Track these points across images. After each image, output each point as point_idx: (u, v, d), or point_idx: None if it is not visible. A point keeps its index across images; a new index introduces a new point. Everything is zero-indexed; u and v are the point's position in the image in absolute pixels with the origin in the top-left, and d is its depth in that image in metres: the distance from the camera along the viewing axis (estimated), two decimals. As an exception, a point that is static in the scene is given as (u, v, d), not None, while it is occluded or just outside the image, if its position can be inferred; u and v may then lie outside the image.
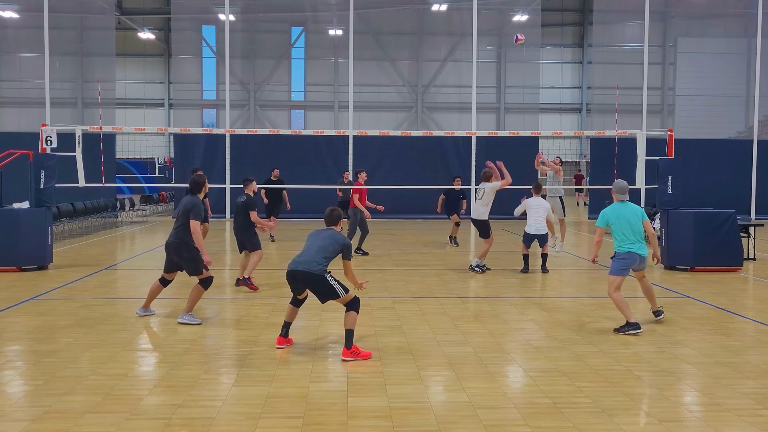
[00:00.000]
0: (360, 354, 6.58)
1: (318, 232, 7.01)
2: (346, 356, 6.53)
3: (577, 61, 46.49)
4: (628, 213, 7.96)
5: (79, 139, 14.15)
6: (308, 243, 6.91)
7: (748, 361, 6.62)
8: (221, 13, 32.06)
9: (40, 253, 12.09)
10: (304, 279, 6.70)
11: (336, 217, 7.10)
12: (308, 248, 6.82)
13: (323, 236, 6.90)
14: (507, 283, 11.31)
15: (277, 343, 6.97)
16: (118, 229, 20.60)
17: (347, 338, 6.59)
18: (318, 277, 6.64)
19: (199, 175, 8.46)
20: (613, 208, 8.04)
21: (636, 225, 7.92)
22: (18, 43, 36.96)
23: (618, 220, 7.92)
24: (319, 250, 6.73)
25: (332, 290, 6.67)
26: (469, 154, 23.63)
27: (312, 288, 6.76)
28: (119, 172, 29.22)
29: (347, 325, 6.63)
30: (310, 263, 6.67)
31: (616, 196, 8.13)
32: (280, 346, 6.95)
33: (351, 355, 6.53)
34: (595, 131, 25.19)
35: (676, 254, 12.45)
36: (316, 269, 6.64)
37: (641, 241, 7.97)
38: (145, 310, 8.47)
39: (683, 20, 39.89)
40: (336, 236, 6.89)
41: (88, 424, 4.91)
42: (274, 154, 23.23)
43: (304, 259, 6.71)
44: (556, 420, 5.06)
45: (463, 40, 38.38)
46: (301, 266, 6.69)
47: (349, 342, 6.57)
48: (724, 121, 36.00)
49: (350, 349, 6.55)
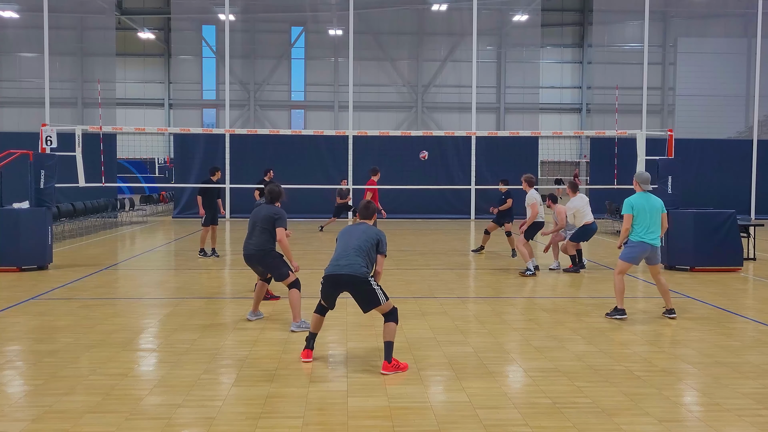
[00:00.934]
0: (400, 366, 6.22)
1: (350, 229, 6.65)
2: (387, 370, 6.11)
3: (577, 61, 46.47)
4: (651, 204, 8.30)
5: (79, 139, 14.16)
6: (342, 244, 6.50)
7: (748, 361, 6.62)
8: (221, 13, 32.04)
9: (40, 253, 12.09)
10: (348, 283, 6.29)
11: (372, 211, 6.80)
12: (345, 250, 6.40)
13: (357, 234, 6.50)
14: (507, 283, 11.30)
15: (303, 356, 6.53)
16: (118, 229, 20.60)
17: (387, 351, 6.18)
18: (362, 281, 6.26)
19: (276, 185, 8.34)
20: (637, 197, 8.34)
21: (655, 217, 8.28)
22: (18, 43, 36.96)
23: (640, 210, 8.25)
24: (357, 251, 6.35)
25: (375, 296, 6.27)
26: (469, 154, 23.65)
27: (356, 293, 6.34)
28: (119, 172, 29.21)
29: (387, 336, 6.21)
30: (353, 266, 6.27)
31: (641, 186, 8.41)
32: (306, 359, 6.50)
33: (392, 368, 6.14)
34: (595, 131, 25.17)
35: (676, 254, 12.45)
36: (361, 272, 6.26)
37: (657, 232, 8.31)
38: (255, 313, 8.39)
39: (683, 20, 39.88)
40: (369, 231, 6.53)
41: (88, 424, 4.91)
42: (274, 154, 23.26)
43: (346, 262, 6.31)
44: (556, 420, 5.06)
45: (463, 40, 38.38)
46: (344, 269, 6.28)
47: (389, 355, 6.17)
48: (724, 121, 35.99)
49: (391, 363, 6.16)
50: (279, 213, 7.86)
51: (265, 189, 8.17)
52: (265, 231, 7.81)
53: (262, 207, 8.06)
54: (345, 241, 6.51)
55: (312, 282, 9.36)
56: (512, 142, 24.13)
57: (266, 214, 7.87)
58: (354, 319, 8.24)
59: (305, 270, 10.25)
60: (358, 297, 6.36)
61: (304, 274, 9.45)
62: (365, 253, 6.38)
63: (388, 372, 6.11)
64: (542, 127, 41.19)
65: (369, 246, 6.42)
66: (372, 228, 6.63)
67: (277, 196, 8.05)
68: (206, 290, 10.47)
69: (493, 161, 23.57)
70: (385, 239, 6.59)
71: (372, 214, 6.81)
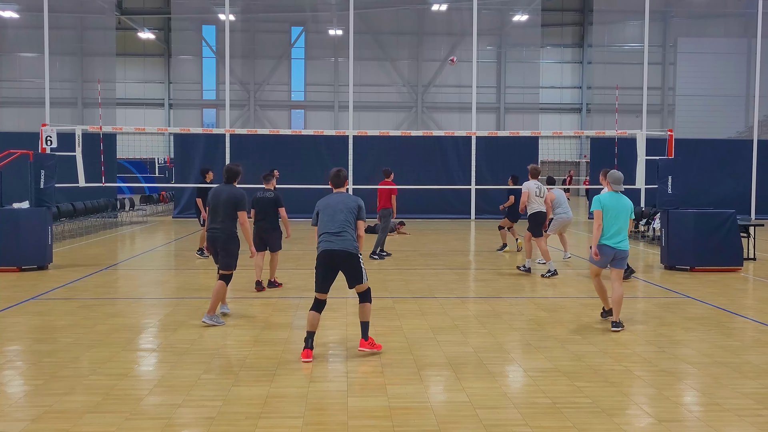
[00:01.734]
0: (375, 345, 6.66)
1: (331, 200, 6.68)
2: (364, 347, 6.58)
3: (577, 61, 46.49)
4: (621, 205, 7.82)
5: (79, 139, 14.17)
6: (328, 218, 6.57)
7: (748, 361, 6.62)
8: (221, 13, 32.05)
9: (40, 253, 12.09)
10: (343, 259, 6.45)
11: (344, 178, 6.78)
12: (332, 223, 6.50)
13: (339, 207, 6.58)
14: (507, 283, 11.31)
15: (303, 357, 6.48)
16: (118, 229, 20.60)
17: (364, 330, 6.62)
18: (354, 256, 6.47)
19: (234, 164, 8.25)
20: (607, 197, 7.87)
21: (621, 219, 7.78)
22: (18, 43, 36.99)
23: (609, 210, 7.76)
24: (344, 224, 6.48)
25: (360, 274, 6.53)
26: (469, 154, 23.65)
27: (346, 269, 6.52)
28: (119, 172, 29.21)
29: (365, 317, 6.61)
30: (345, 241, 6.45)
31: (612, 186, 7.92)
32: (306, 359, 6.45)
33: (368, 346, 6.60)
34: (595, 131, 25.20)
35: (676, 254, 12.45)
36: (353, 248, 6.46)
37: (621, 235, 7.77)
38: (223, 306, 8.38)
39: (683, 20, 39.90)
40: (348, 201, 6.62)
41: (88, 424, 4.91)
42: (274, 154, 23.25)
43: (338, 237, 6.45)
44: (556, 420, 5.06)
45: (463, 40, 38.38)
46: (337, 245, 6.43)
47: (365, 333, 6.62)
48: (724, 121, 36.01)
49: (367, 341, 6.62)
50: (240, 197, 7.89)
51: (223, 169, 8.20)
52: (228, 215, 7.85)
53: (222, 189, 7.99)
54: (330, 215, 6.57)
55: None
56: (512, 142, 24.12)
57: (227, 197, 7.88)
58: (353, 318, 8.24)
59: (306, 269, 10.24)
60: (348, 272, 6.55)
61: (306, 273, 9.46)
62: (351, 225, 6.54)
63: (365, 349, 6.60)
64: (542, 127, 41.20)
65: (353, 216, 6.57)
66: (349, 197, 6.72)
67: (234, 175, 8.05)
68: (205, 290, 10.46)
69: (493, 161, 23.57)
70: (363, 205, 6.72)
71: (344, 181, 6.78)
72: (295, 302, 9.36)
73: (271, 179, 10.31)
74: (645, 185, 15.21)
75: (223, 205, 7.87)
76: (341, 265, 6.53)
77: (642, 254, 15.19)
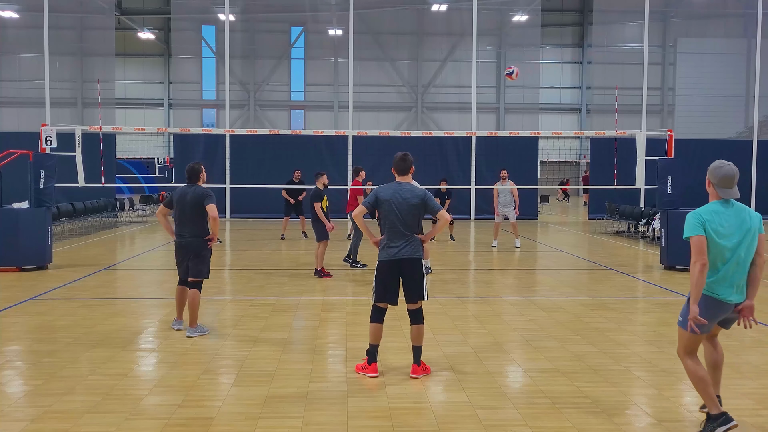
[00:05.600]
0: (427, 369, 6.10)
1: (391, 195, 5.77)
2: (417, 373, 5.97)
3: (577, 61, 46.50)
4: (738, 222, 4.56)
5: (78, 139, 14.17)
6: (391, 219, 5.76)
7: (748, 361, 6.61)
8: (221, 13, 32.06)
9: (40, 253, 12.09)
10: (412, 267, 5.80)
11: (410, 163, 5.93)
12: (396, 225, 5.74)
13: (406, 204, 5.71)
14: (507, 283, 11.30)
15: (370, 372, 6.01)
16: (117, 229, 20.60)
17: (417, 355, 6.01)
18: (420, 263, 5.83)
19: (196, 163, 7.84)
20: (714, 210, 4.61)
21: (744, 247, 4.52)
22: (18, 43, 37.02)
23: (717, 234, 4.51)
24: (410, 227, 5.72)
25: (422, 288, 5.92)
26: (469, 154, 23.65)
27: (413, 279, 5.85)
28: (119, 172, 29.21)
29: (419, 341, 6.02)
30: (412, 249, 5.77)
31: (718, 191, 4.70)
32: (373, 375, 5.98)
33: (420, 371, 6.00)
34: (595, 131, 25.17)
35: (676, 254, 12.45)
36: (419, 255, 5.80)
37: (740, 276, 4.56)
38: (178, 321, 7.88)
39: (683, 20, 39.94)
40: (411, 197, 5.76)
41: (87, 424, 4.90)
42: (273, 154, 23.26)
43: (405, 243, 5.75)
44: (556, 420, 5.06)
45: (463, 40, 38.42)
46: (406, 254, 5.74)
47: (418, 358, 6.02)
48: (724, 121, 36.03)
49: (420, 365, 6.01)
50: (206, 192, 7.42)
51: (186, 168, 7.71)
52: (196, 217, 7.39)
53: (187, 190, 7.50)
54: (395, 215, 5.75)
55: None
56: (512, 142, 24.12)
57: (193, 197, 7.38)
58: (353, 318, 8.24)
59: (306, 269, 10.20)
60: (410, 283, 5.87)
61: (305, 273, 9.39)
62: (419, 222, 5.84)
63: (418, 375, 5.96)
64: (542, 127, 41.24)
65: (420, 214, 5.81)
66: (413, 189, 5.84)
67: (196, 174, 7.60)
68: (205, 290, 10.45)
69: (493, 161, 23.56)
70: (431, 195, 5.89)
71: (410, 168, 5.96)
72: (294, 302, 9.36)
73: (319, 177, 11.62)
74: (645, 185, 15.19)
75: (190, 206, 7.40)
76: (409, 277, 5.88)
77: (642, 254, 15.19)
